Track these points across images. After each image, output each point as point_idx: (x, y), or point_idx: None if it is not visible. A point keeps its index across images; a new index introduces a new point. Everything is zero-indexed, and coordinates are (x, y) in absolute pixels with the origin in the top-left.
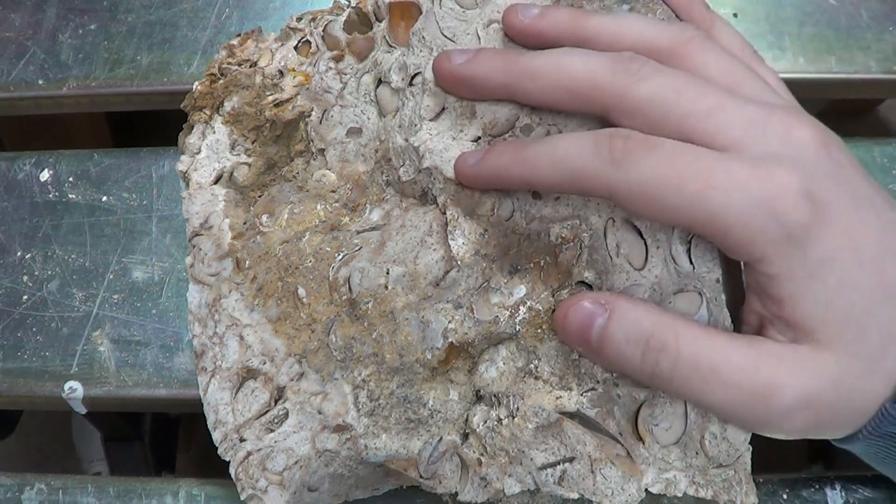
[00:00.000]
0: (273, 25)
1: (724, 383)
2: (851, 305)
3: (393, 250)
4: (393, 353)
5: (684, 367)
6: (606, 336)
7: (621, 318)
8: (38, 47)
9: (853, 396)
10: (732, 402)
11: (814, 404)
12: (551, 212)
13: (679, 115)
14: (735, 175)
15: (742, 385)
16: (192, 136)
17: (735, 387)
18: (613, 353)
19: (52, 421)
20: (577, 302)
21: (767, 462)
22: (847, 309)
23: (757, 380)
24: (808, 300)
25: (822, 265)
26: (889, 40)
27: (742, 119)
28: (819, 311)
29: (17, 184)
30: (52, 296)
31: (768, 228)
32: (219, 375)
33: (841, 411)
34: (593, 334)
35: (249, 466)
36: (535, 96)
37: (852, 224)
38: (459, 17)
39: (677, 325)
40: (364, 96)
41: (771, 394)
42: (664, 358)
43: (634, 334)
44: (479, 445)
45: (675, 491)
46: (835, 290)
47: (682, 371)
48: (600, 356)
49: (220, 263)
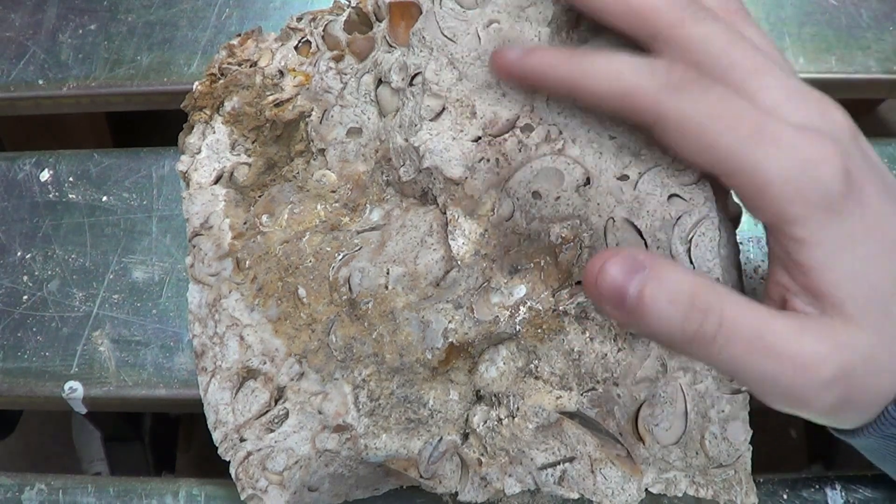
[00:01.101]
0: (273, 25)
1: (767, 351)
2: (878, 285)
3: (393, 250)
4: (393, 353)
5: (728, 331)
6: (646, 296)
7: (664, 277)
8: (38, 47)
9: (880, 375)
10: (774, 372)
11: (847, 380)
12: (551, 212)
13: (726, 64)
14: (784, 134)
15: (785, 354)
16: (193, 136)
17: (778, 355)
18: (653, 314)
19: (52, 421)
20: (611, 258)
21: (767, 462)
22: (875, 284)
23: (801, 350)
24: (836, 271)
25: (853, 239)
26: (889, 40)
27: (785, 86)
28: (847, 283)
29: (17, 184)
30: (52, 296)
31: (808, 190)
32: (219, 375)
33: (869, 389)
34: (631, 293)
35: (249, 466)
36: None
37: (884, 210)
38: (460, 17)
39: (718, 288)
40: (364, 96)
41: (812, 365)
42: (709, 320)
43: (677, 293)
44: (479, 445)
45: (675, 491)
46: (863, 265)
47: (725, 334)
48: (635, 316)
49: (220, 263)
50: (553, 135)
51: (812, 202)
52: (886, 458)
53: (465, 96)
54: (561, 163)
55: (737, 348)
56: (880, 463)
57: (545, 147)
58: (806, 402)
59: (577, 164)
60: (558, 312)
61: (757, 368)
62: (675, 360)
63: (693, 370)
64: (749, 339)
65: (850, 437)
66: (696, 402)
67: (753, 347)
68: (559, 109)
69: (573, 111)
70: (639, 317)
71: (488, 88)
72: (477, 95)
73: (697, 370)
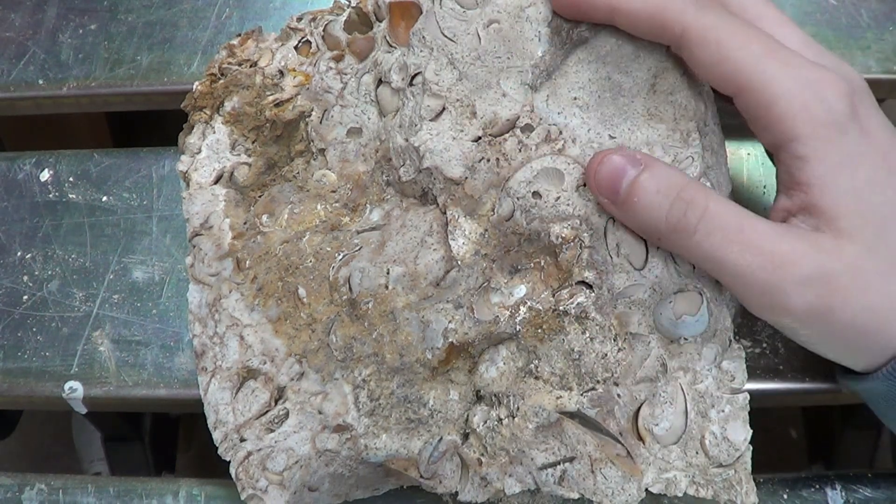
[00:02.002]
0: (273, 25)
1: (745, 244)
2: (877, 204)
3: (393, 250)
4: (393, 353)
5: (710, 222)
6: (637, 185)
7: (655, 170)
8: (38, 47)
9: (868, 290)
10: (750, 264)
11: (828, 283)
12: (551, 212)
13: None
14: (795, 59)
15: (763, 248)
16: (193, 136)
17: (756, 248)
18: (641, 203)
19: (52, 421)
20: (611, 153)
21: (767, 462)
22: (873, 206)
23: (779, 247)
24: (835, 187)
25: (853, 159)
26: (889, 40)
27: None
28: (845, 200)
29: (17, 184)
30: (52, 296)
31: (813, 107)
32: (219, 375)
33: (853, 300)
34: (624, 182)
35: (250, 466)
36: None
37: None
38: (460, 16)
39: (707, 189)
40: (364, 96)
41: (790, 261)
42: (692, 210)
43: (666, 186)
44: (479, 445)
45: (675, 491)
46: (863, 185)
47: (707, 225)
48: (626, 206)
49: (220, 263)
50: (553, 135)
51: (816, 120)
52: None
53: (465, 96)
54: (561, 163)
55: (715, 239)
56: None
57: (545, 147)
58: (782, 297)
59: (577, 164)
60: (558, 312)
61: (734, 260)
62: (676, 360)
63: (693, 370)
64: (729, 231)
65: (860, 382)
66: (696, 402)
67: (733, 240)
68: (559, 109)
69: (573, 111)
70: (627, 206)
71: (488, 88)
72: (477, 95)
73: (697, 370)
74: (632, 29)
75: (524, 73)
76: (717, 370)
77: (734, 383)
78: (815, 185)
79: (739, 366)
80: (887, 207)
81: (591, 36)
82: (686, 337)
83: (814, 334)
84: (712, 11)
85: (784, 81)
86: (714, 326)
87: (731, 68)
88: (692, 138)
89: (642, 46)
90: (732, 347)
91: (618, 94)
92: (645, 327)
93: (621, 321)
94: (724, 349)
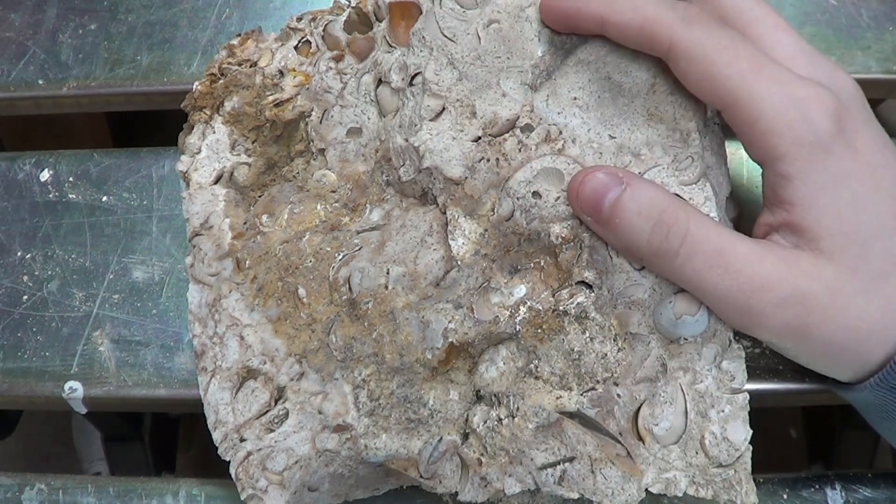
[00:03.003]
0: (273, 25)
1: (726, 268)
2: (860, 224)
3: (393, 250)
4: (393, 353)
5: (691, 246)
6: (619, 205)
7: (637, 191)
8: (38, 47)
9: (847, 310)
10: (730, 288)
11: (805, 304)
12: (551, 212)
13: (749, 19)
14: (783, 75)
15: (743, 273)
16: (193, 136)
17: (736, 273)
18: (623, 224)
19: (52, 421)
20: (594, 171)
21: (767, 462)
22: (855, 226)
23: (759, 271)
24: (818, 207)
25: (838, 180)
26: (889, 40)
27: (800, 46)
28: (827, 220)
29: (17, 184)
30: (52, 296)
31: (797, 126)
32: (219, 375)
33: (831, 319)
34: (606, 203)
35: (250, 466)
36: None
37: (875, 157)
38: (460, 17)
39: (689, 209)
40: (364, 96)
41: (768, 286)
42: (674, 233)
43: (648, 207)
44: (479, 445)
45: (675, 491)
46: (846, 205)
47: (688, 249)
48: (608, 226)
49: (220, 263)
50: (553, 135)
51: (800, 139)
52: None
53: (465, 96)
54: (561, 163)
55: (697, 263)
56: (880, 422)
57: (545, 147)
58: (759, 319)
59: (577, 164)
60: (558, 312)
61: (715, 284)
62: (675, 360)
63: (693, 370)
64: (710, 255)
65: (851, 392)
66: (696, 401)
67: (713, 264)
68: (559, 109)
69: (573, 111)
70: (609, 226)
71: (488, 88)
72: (477, 95)
73: (697, 370)
74: (622, 41)
75: (524, 73)
76: (717, 370)
77: (734, 383)
78: (798, 205)
79: (739, 366)
80: (871, 226)
81: (589, 37)
82: (686, 337)
83: (793, 350)
84: (700, 25)
85: (770, 100)
86: (714, 326)
87: (717, 84)
88: (692, 138)
89: None
90: (732, 347)
91: (618, 95)
92: (645, 327)
93: (621, 321)
94: (724, 349)
